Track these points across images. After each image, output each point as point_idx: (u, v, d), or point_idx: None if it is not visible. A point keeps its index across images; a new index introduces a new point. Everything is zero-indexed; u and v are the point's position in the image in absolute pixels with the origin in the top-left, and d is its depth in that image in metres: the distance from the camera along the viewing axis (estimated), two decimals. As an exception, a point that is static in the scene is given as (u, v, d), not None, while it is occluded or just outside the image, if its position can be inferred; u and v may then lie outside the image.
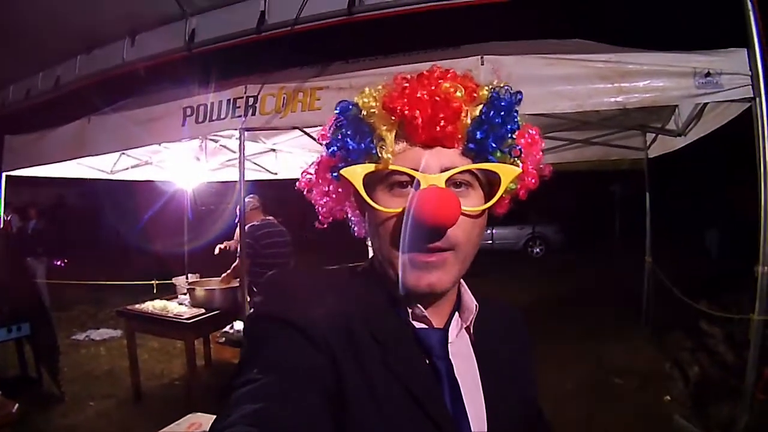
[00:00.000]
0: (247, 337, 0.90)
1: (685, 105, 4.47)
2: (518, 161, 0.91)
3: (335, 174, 0.92)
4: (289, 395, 0.73)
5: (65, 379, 5.23)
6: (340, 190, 0.98)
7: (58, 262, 9.78)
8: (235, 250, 5.32)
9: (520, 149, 0.91)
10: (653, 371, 5.29)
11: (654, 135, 5.81)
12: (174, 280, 5.87)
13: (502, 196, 0.91)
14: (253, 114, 3.94)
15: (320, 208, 1.02)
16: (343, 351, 0.82)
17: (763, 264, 3.01)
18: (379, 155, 0.86)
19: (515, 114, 0.90)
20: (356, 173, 0.87)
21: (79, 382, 5.49)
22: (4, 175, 5.83)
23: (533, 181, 0.97)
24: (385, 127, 0.86)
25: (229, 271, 5.18)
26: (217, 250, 5.64)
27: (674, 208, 13.03)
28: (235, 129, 4.06)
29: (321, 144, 0.98)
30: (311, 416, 0.74)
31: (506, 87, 0.91)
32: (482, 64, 3.33)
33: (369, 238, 0.95)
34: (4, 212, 7.65)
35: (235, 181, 4.48)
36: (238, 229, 5.27)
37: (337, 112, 0.93)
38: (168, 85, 4.82)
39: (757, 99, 2.94)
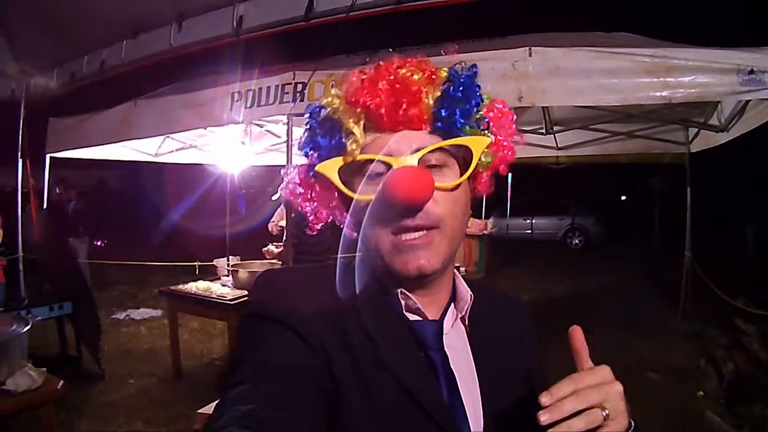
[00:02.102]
0: (242, 336, 0.91)
1: (727, 101, 4.42)
2: (489, 134, 0.92)
3: (312, 173, 0.94)
4: (282, 395, 0.73)
5: (106, 358, 5.34)
6: (322, 191, 1.00)
7: (99, 243, 9.94)
8: (278, 234, 5.33)
9: (488, 122, 0.92)
10: (688, 367, 5.27)
11: (696, 130, 5.75)
12: (215, 262, 5.92)
13: (480, 172, 0.94)
14: (302, 100, 3.96)
15: (308, 216, 1.03)
16: (336, 348, 0.82)
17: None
18: (349, 148, 0.88)
19: (476, 87, 0.91)
20: (329, 167, 0.89)
21: (119, 360, 5.61)
22: (48, 156, 5.94)
23: (510, 153, 0.98)
24: (351, 120, 0.88)
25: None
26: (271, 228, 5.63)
27: (715, 203, 12.80)
28: (284, 115, 4.10)
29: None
30: (305, 416, 0.74)
31: (462, 64, 0.93)
32: (530, 56, 3.34)
33: (354, 233, 0.95)
34: (57, 187, 7.86)
35: (279, 166, 4.50)
36: (277, 213, 5.31)
37: (307, 116, 0.96)
38: (216, 69, 4.86)
39: (799, 99, 2.92)
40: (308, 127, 0.95)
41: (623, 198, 16.98)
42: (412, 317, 0.91)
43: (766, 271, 6.82)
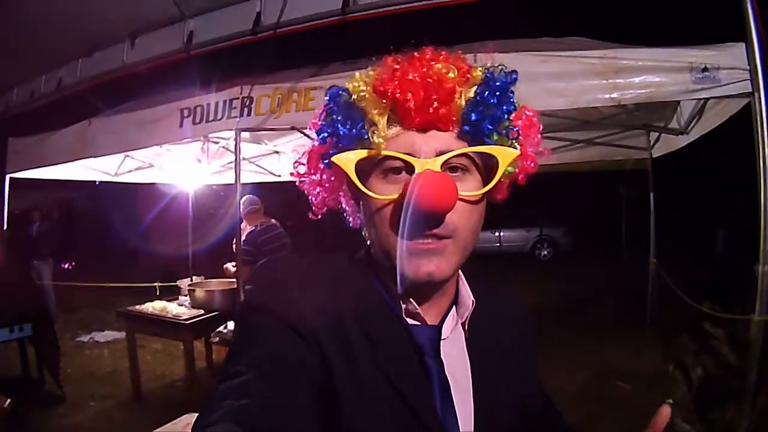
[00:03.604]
0: (237, 328, 0.89)
1: (686, 102, 4.41)
2: (516, 143, 0.88)
3: (327, 161, 0.90)
4: (276, 392, 0.72)
5: (68, 380, 5.28)
6: (332, 178, 0.95)
7: (66, 265, 9.85)
8: None
9: (517, 131, 0.88)
10: (657, 374, 5.21)
11: (657, 134, 5.76)
12: (178, 282, 5.88)
13: (500, 180, 0.88)
14: (249, 114, 3.96)
15: (313, 199, 0.99)
16: (332, 346, 0.80)
17: (763, 263, 2.95)
18: (371, 140, 0.83)
19: (511, 94, 0.87)
20: (348, 160, 0.85)
21: (81, 382, 5.54)
22: (8, 177, 5.88)
23: (531, 164, 0.93)
24: (376, 111, 0.84)
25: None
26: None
27: (680, 208, 12.85)
28: (231, 129, 4.08)
29: (311, 133, 0.96)
30: (297, 414, 0.73)
31: (501, 66, 0.89)
32: (475, 62, 3.30)
33: (364, 228, 0.93)
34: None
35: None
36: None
37: (327, 98, 0.90)
38: (167, 86, 4.84)
39: (756, 94, 2.88)
40: (327, 110, 0.90)
41: (590, 206, 16.93)
42: (411, 322, 0.89)
43: (733, 275, 6.79)
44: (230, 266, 5.22)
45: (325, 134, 0.89)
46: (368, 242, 0.94)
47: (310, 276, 0.90)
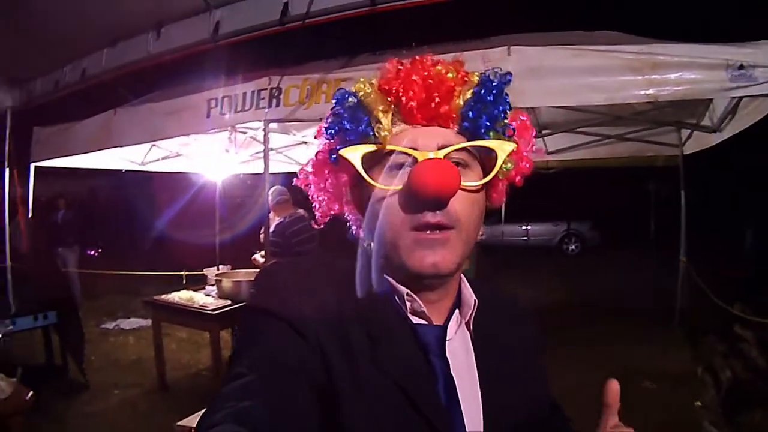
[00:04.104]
0: (241, 329, 0.91)
1: (719, 100, 4.32)
2: (512, 142, 0.91)
3: (334, 157, 0.92)
4: (276, 392, 0.73)
5: (92, 368, 5.33)
6: (337, 181, 0.98)
7: (92, 252, 9.93)
8: None
9: (513, 129, 0.92)
10: (685, 375, 5.13)
11: (689, 131, 5.64)
12: (205, 271, 5.89)
13: (498, 179, 0.93)
14: (277, 105, 3.94)
15: (317, 206, 1.02)
16: (334, 347, 0.81)
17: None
18: (376, 136, 0.87)
19: (506, 95, 0.91)
20: (354, 153, 0.87)
21: (105, 370, 5.58)
22: (32, 165, 5.92)
23: (527, 165, 0.98)
24: (381, 109, 0.88)
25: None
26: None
27: (711, 206, 12.61)
28: (260, 120, 4.06)
29: (317, 139, 0.99)
30: (298, 414, 0.74)
31: (496, 69, 0.93)
32: (509, 55, 3.30)
33: (368, 226, 0.93)
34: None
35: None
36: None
37: (334, 101, 0.94)
38: (193, 77, 4.83)
39: (792, 94, 2.82)
40: (334, 112, 0.94)
41: (619, 202, 16.72)
42: (416, 320, 0.90)
43: (764, 275, 6.67)
44: (258, 257, 5.22)
45: (333, 131, 0.93)
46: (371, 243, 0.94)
47: (313, 278, 0.91)
